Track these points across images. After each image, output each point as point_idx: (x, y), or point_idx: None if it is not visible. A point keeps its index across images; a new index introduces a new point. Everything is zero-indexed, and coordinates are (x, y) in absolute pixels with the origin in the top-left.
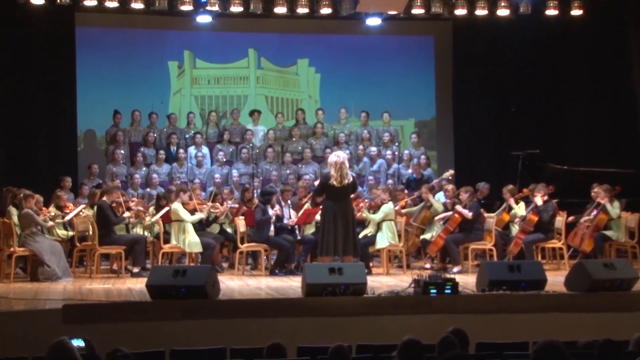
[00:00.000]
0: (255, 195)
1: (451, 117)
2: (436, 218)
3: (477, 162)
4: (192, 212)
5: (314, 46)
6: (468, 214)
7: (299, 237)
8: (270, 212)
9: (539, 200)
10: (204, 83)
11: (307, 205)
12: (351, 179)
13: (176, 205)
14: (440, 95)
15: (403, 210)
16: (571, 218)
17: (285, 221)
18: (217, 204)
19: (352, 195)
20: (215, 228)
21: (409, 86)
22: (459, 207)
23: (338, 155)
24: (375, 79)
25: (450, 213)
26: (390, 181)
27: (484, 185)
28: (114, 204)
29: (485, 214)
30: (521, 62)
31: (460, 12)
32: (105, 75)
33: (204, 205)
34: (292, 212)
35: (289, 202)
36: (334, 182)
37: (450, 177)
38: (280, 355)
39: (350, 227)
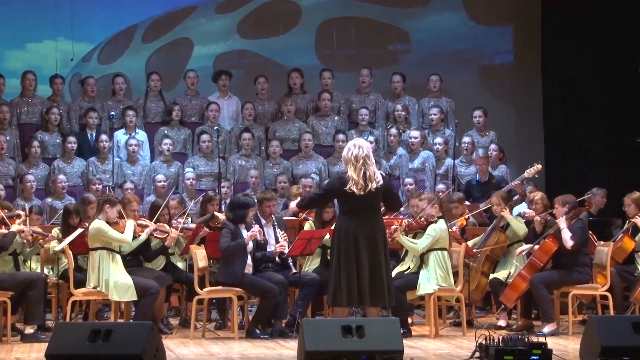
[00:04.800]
0: (223, 209)
1: (539, 84)
2: (518, 251)
3: (579, 154)
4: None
5: None
6: (569, 240)
7: (293, 272)
8: (245, 235)
9: None
10: None
11: (307, 225)
12: (381, 182)
13: (99, 224)
14: (521, 49)
15: (469, 244)
16: None
17: (269, 247)
18: (163, 224)
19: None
20: (158, 263)
21: (471, 34)
22: (561, 223)
23: (358, 146)
24: (414, 19)
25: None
26: (441, 186)
27: (596, 191)
28: None
29: (596, 241)
30: None
31: None
32: None
33: (143, 227)
34: (280, 234)
35: (273, 218)
36: (354, 189)
37: (536, 176)
38: None
39: (381, 260)
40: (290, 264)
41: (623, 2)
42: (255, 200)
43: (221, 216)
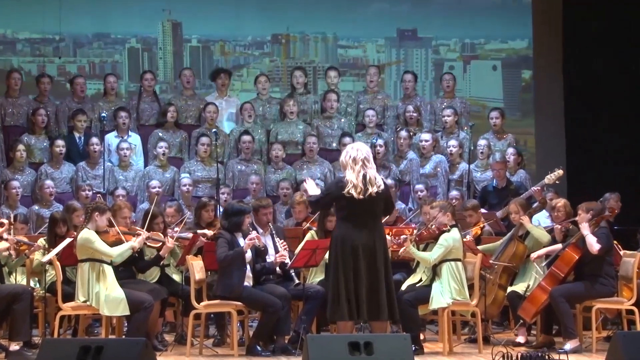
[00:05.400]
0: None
1: (560, 83)
2: (533, 256)
3: (604, 158)
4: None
5: None
6: (594, 244)
7: (296, 284)
8: (242, 242)
9: None
10: None
11: (309, 235)
12: (382, 186)
13: (87, 234)
14: (540, 37)
15: (480, 248)
16: None
17: (268, 258)
18: (157, 232)
19: (386, 216)
20: (152, 275)
21: (488, 23)
22: (584, 229)
23: (357, 149)
24: (427, 10)
25: (558, 247)
26: (455, 192)
27: (609, 196)
28: None
29: (622, 251)
30: None
31: None
32: None
33: (136, 235)
34: (280, 244)
35: (271, 227)
36: (353, 192)
37: (557, 182)
38: None
39: (380, 270)
40: (293, 274)
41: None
42: (250, 208)
43: (208, 232)
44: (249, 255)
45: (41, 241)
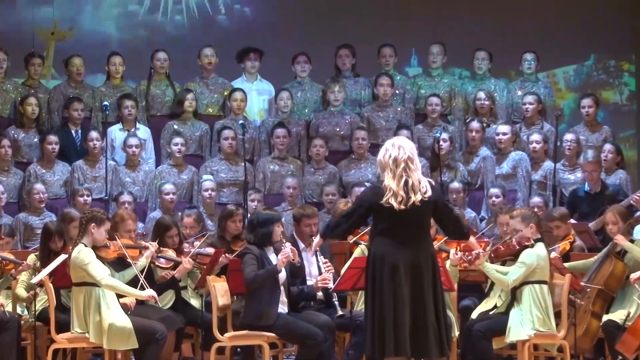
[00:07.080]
0: None
1: None
2: (634, 276)
3: None
4: (118, 264)
5: None
6: None
7: (339, 315)
8: (273, 258)
9: None
10: None
11: (358, 251)
12: (429, 193)
13: (82, 253)
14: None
15: (567, 266)
16: None
17: (310, 280)
18: (168, 249)
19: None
20: (166, 299)
21: None
22: None
23: (398, 146)
24: None
25: None
26: (537, 199)
27: None
28: None
29: None
30: None
31: None
32: None
33: (141, 250)
34: (323, 264)
35: (314, 242)
36: (393, 202)
37: None
38: None
39: (427, 295)
40: (336, 302)
41: None
42: (281, 215)
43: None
44: (282, 274)
45: (31, 257)
